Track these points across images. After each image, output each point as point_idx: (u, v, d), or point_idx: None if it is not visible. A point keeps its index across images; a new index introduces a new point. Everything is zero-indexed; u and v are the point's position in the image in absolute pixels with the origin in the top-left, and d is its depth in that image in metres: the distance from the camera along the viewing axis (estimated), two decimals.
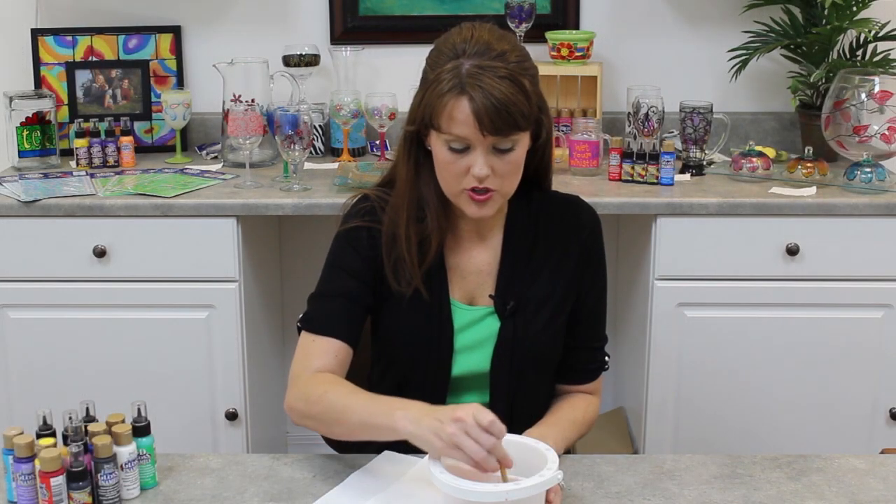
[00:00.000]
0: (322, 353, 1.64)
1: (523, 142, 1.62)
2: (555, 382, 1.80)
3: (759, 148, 2.75)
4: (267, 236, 2.91)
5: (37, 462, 1.40)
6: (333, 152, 3.00)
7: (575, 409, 1.75)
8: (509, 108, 1.54)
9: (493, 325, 1.71)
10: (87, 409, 1.53)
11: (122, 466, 1.46)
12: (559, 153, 2.80)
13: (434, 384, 1.70)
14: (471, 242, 1.73)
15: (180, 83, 3.02)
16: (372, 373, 1.83)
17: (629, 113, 2.72)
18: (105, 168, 2.81)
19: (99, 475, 1.43)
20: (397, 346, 1.72)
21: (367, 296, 1.69)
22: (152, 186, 2.62)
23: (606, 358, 1.82)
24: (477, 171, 1.57)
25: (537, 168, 1.72)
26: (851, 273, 2.53)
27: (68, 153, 2.90)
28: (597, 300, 1.77)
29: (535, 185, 1.75)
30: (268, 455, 1.62)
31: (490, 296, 1.71)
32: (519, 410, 1.71)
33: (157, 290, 2.57)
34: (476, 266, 1.73)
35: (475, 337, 1.71)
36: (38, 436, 1.46)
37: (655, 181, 2.61)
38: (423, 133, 1.63)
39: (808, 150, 2.67)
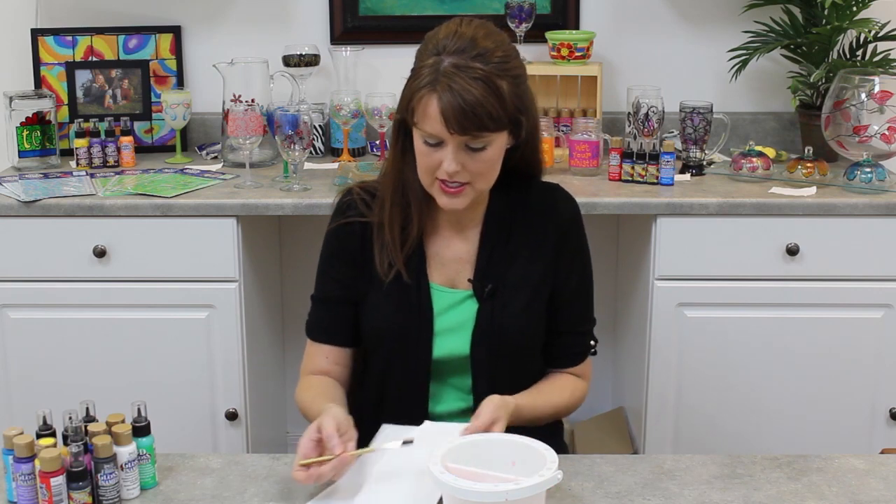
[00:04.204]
0: (316, 356, 1.79)
1: (498, 142, 1.64)
2: (542, 367, 1.82)
3: (759, 148, 2.75)
4: (267, 236, 2.91)
5: (37, 462, 1.40)
6: (333, 152, 3.00)
7: (563, 389, 1.78)
8: (476, 109, 1.56)
9: (472, 308, 1.73)
10: (87, 409, 1.53)
11: (122, 466, 1.46)
12: (559, 153, 2.80)
13: (416, 368, 1.73)
14: (451, 230, 1.76)
15: (180, 83, 3.02)
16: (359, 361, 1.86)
17: (629, 113, 2.72)
18: (105, 168, 2.81)
19: (99, 475, 1.43)
20: (379, 330, 1.75)
21: (353, 294, 1.76)
22: (152, 186, 2.62)
23: (593, 342, 1.83)
24: (446, 167, 1.62)
25: (519, 164, 1.74)
26: (851, 273, 2.53)
27: (68, 153, 2.90)
28: (577, 285, 1.78)
29: (522, 178, 1.77)
30: (268, 455, 1.62)
31: (469, 280, 1.74)
32: (501, 394, 1.71)
33: (157, 290, 2.57)
34: (456, 253, 1.76)
35: (455, 320, 1.74)
36: (38, 436, 1.47)
37: (655, 181, 2.61)
38: (410, 123, 1.66)
39: (808, 150, 2.67)
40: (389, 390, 1.74)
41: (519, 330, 1.73)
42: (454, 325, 1.74)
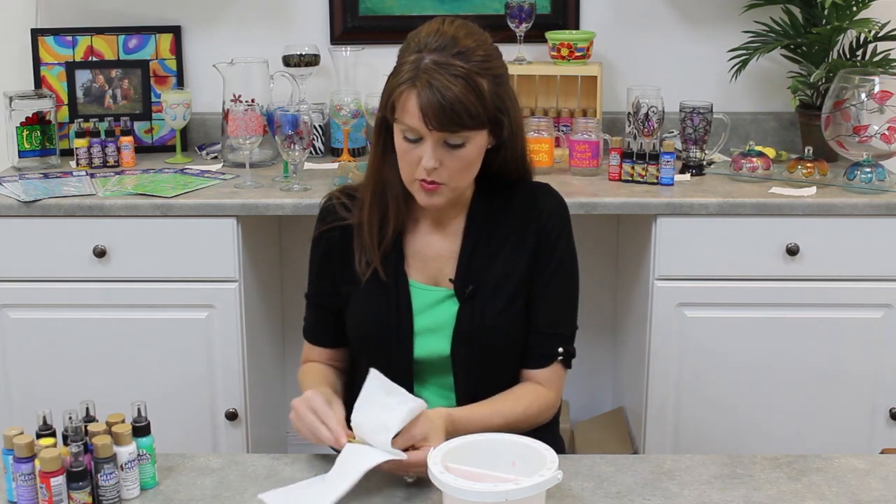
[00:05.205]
0: (310, 354, 1.87)
1: (476, 140, 1.65)
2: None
3: (759, 148, 2.75)
4: (267, 236, 2.91)
5: (37, 462, 1.40)
6: (333, 152, 3.00)
7: (518, 400, 1.72)
8: (455, 106, 1.58)
9: (453, 308, 1.74)
10: (87, 409, 1.53)
11: (122, 466, 1.46)
12: (559, 153, 2.81)
13: (398, 368, 1.73)
14: (432, 228, 1.77)
15: (180, 83, 3.02)
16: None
17: (629, 113, 2.72)
18: (105, 168, 2.81)
19: (99, 475, 1.43)
20: (360, 330, 1.77)
21: (338, 300, 1.79)
22: (152, 186, 2.62)
23: (560, 350, 1.76)
24: (424, 163, 1.63)
25: (502, 170, 1.75)
26: (851, 273, 2.53)
27: (68, 153, 2.90)
28: (550, 284, 1.75)
29: (511, 181, 1.77)
30: (268, 455, 1.62)
31: (450, 280, 1.74)
32: (484, 394, 1.72)
33: (157, 290, 2.57)
34: (437, 251, 1.76)
35: (435, 320, 1.74)
36: (38, 436, 1.47)
37: (655, 181, 2.61)
38: (391, 120, 1.68)
39: (808, 150, 2.67)
40: None
41: (498, 331, 1.72)
42: (434, 324, 1.74)
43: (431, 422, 1.53)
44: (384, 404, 1.52)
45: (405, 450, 1.49)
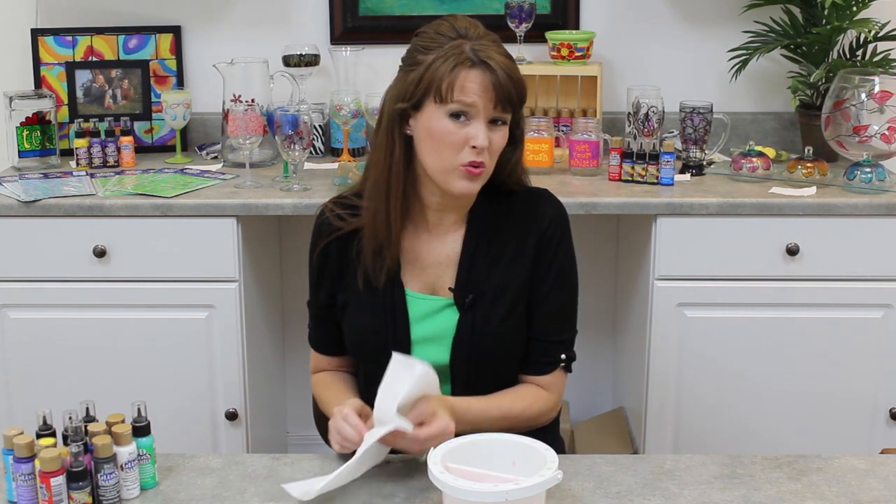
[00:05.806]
0: (319, 362, 1.90)
1: (507, 125, 1.68)
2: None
3: (759, 148, 2.75)
4: (267, 236, 2.91)
5: (37, 462, 1.40)
6: (333, 152, 3.00)
7: (519, 397, 1.74)
8: (518, 84, 1.65)
9: (452, 317, 1.73)
10: (87, 409, 1.53)
11: (122, 466, 1.46)
12: (559, 153, 2.81)
13: None
14: (430, 235, 1.76)
15: (180, 83, 3.02)
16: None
17: (629, 113, 2.72)
18: (105, 168, 2.81)
19: (99, 475, 1.43)
20: (357, 338, 1.77)
21: (337, 313, 1.80)
22: (152, 186, 2.62)
23: (563, 357, 1.77)
24: (480, 142, 1.63)
25: (512, 171, 1.75)
26: (851, 273, 2.53)
27: (68, 153, 2.90)
28: (551, 292, 1.74)
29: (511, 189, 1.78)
30: (268, 455, 1.62)
31: (450, 288, 1.73)
32: None
33: (157, 290, 2.57)
34: (435, 258, 1.75)
35: (434, 329, 1.73)
36: (38, 436, 1.47)
37: (655, 181, 2.61)
38: (411, 113, 1.67)
39: (808, 150, 2.67)
40: (374, 397, 1.74)
41: (499, 339, 1.72)
42: (433, 334, 1.73)
43: (438, 399, 1.57)
44: (398, 378, 1.53)
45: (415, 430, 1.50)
